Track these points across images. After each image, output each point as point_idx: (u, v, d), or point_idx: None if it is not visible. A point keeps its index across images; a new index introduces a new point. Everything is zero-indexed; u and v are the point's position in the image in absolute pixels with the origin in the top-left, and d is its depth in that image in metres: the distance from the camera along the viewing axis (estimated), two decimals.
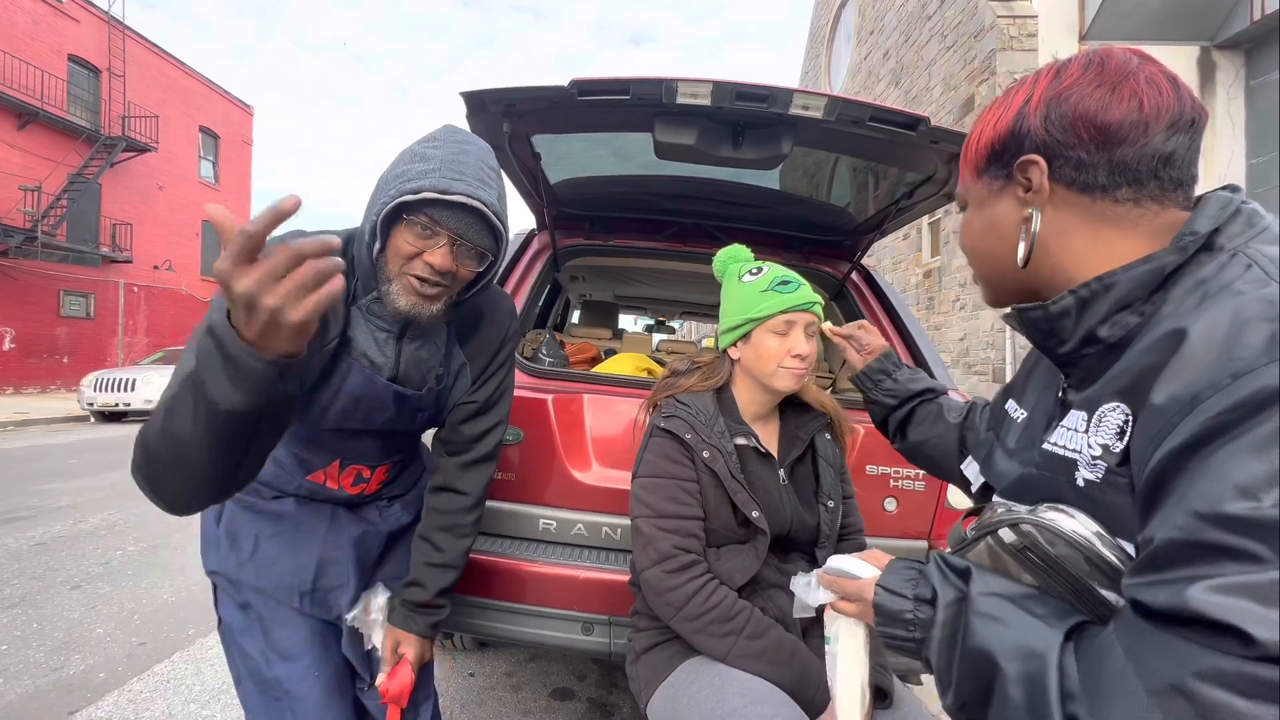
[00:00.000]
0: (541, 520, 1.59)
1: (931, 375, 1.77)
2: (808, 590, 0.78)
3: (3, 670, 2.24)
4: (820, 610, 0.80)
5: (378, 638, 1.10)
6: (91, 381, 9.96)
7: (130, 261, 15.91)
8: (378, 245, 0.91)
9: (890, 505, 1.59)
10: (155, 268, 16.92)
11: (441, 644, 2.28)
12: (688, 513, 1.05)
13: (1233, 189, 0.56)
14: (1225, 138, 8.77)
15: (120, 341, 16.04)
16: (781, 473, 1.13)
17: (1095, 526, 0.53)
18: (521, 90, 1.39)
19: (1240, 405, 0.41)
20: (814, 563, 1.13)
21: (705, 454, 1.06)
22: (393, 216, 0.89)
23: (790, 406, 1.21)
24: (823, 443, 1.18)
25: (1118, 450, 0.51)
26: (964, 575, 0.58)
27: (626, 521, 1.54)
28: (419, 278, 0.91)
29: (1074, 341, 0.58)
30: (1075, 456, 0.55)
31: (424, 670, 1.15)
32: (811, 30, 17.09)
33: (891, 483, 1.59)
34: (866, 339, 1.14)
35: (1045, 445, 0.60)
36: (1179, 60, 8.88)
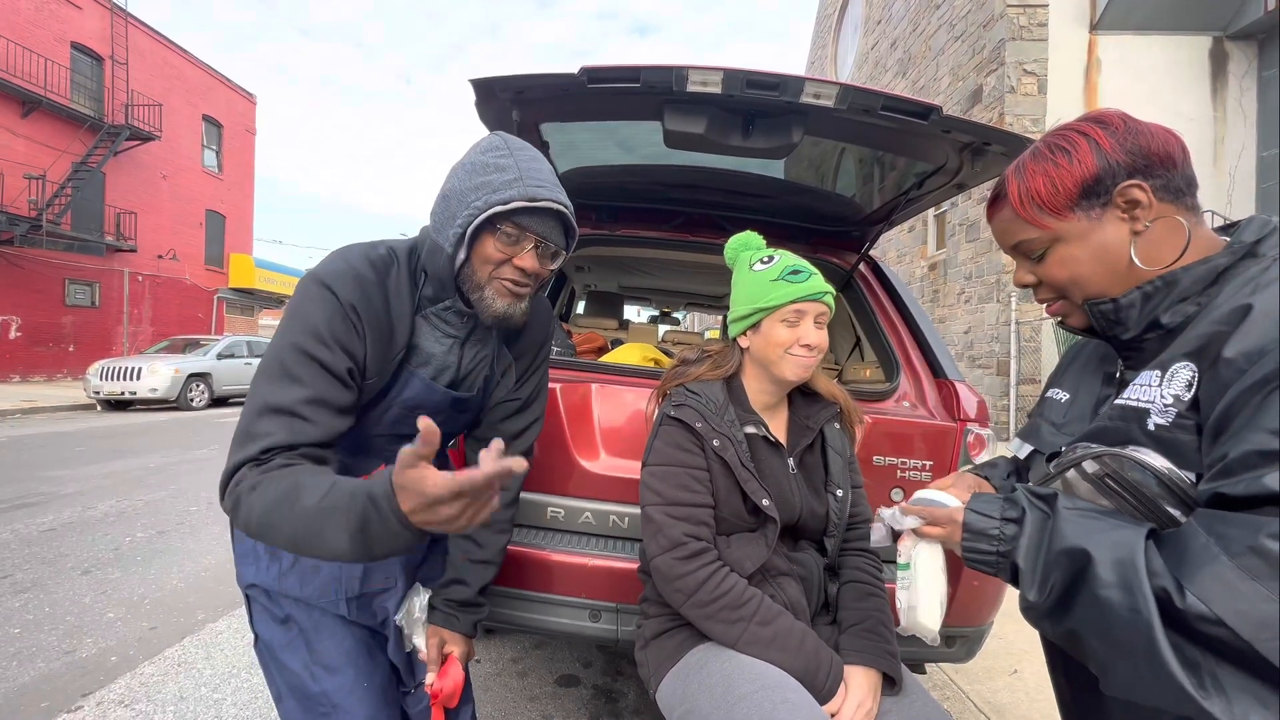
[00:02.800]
0: (550, 508, 1.60)
1: (941, 367, 1.77)
2: (896, 517, 0.88)
3: (16, 653, 2.27)
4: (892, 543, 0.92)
5: (420, 639, 1.08)
6: (98, 370, 10.02)
7: (135, 250, 15.94)
8: (463, 255, 0.95)
9: (897, 496, 1.60)
10: (159, 257, 16.94)
11: None
12: (698, 500, 1.05)
13: (1266, 216, 0.72)
14: (1236, 130, 8.68)
15: (125, 330, 16.10)
16: (791, 462, 1.14)
17: (1165, 459, 0.64)
18: (531, 78, 1.39)
19: None
20: (823, 552, 1.14)
21: (715, 442, 1.07)
22: (481, 226, 0.93)
23: (800, 396, 1.21)
24: (832, 432, 1.18)
25: (1186, 399, 0.63)
26: (1049, 500, 0.69)
27: (634, 510, 1.55)
28: (512, 281, 0.96)
29: (1137, 329, 0.72)
30: (1148, 406, 0.67)
31: (467, 694, 1.15)
32: (818, 20, 16.90)
33: (898, 473, 1.59)
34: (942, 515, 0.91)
35: (1120, 401, 0.71)
36: (1190, 51, 8.77)
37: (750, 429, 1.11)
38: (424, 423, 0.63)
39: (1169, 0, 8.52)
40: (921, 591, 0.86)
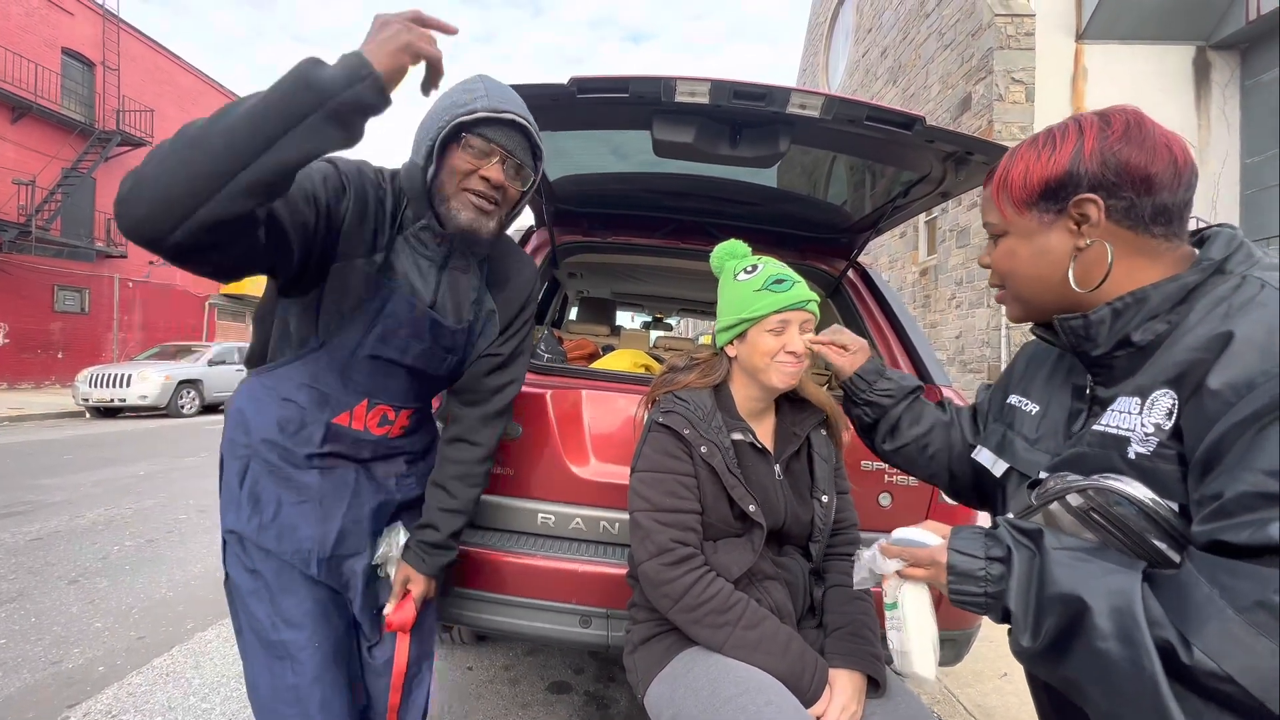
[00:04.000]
0: (540, 514, 1.60)
1: (929, 373, 1.79)
2: (875, 560, 0.83)
3: (1, 664, 2.24)
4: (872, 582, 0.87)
5: (393, 570, 1.18)
6: (86, 377, 9.92)
7: (125, 257, 15.82)
8: (432, 169, 1.01)
9: (885, 501, 1.61)
10: (150, 263, 16.82)
11: (440, 637, 2.29)
12: (685, 506, 1.06)
13: (1232, 227, 0.71)
14: (1220, 138, 8.82)
15: (115, 337, 15.97)
16: (777, 468, 1.15)
17: (1148, 490, 0.62)
18: (521, 88, 1.40)
19: None
20: (808, 557, 1.15)
21: (703, 449, 1.08)
22: (449, 139, 1.00)
23: (787, 403, 1.22)
24: (818, 439, 1.20)
25: (1168, 428, 0.62)
26: (1034, 536, 0.67)
27: (624, 516, 1.56)
28: (477, 192, 1.02)
29: (1107, 346, 0.70)
30: (1129, 434, 0.66)
31: (428, 608, 1.23)
32: (810, 28, 17.07)
33: (886, 478, 1.61)
34: (847, 339, 1.15)
35: (1099, 427, 0.70)
36: (1175, 60, 8.92)
37: (737, 435, 1.12)
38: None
39: (1153, 11, 8.67)
40: (912, 636, 0.81)
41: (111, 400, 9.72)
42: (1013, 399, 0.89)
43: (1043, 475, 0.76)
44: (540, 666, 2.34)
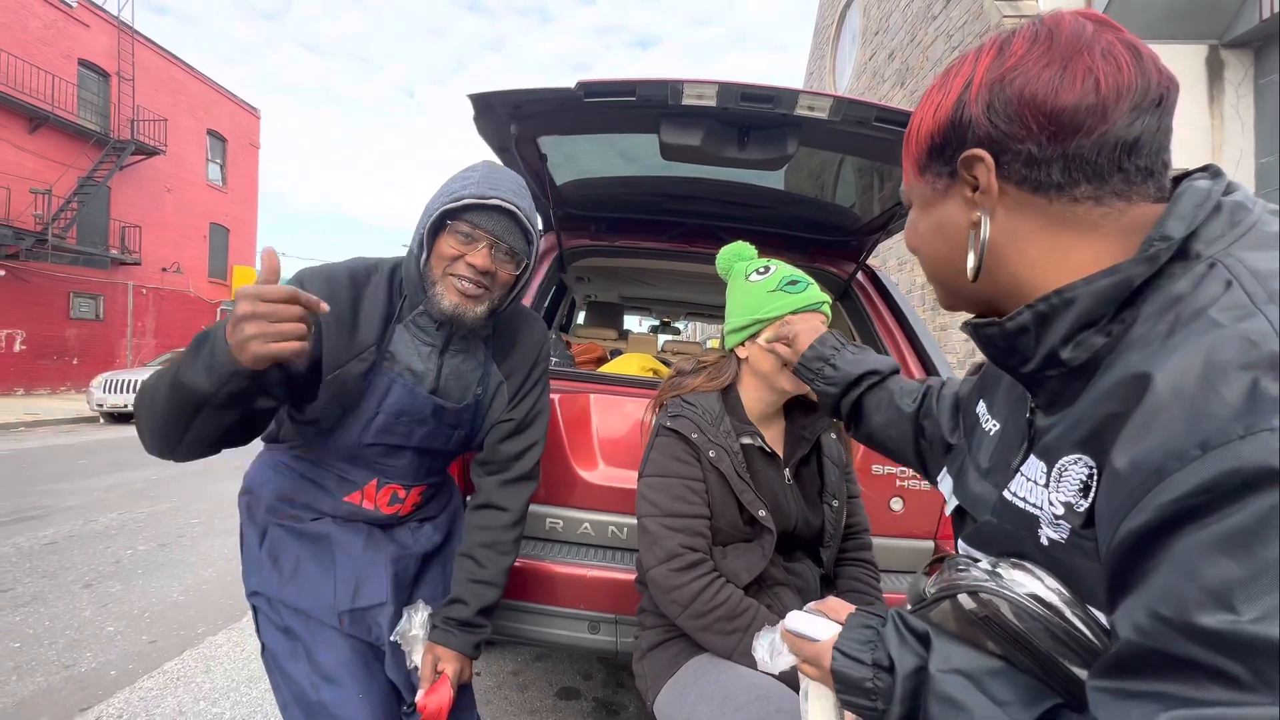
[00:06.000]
0: (548, 519, 1.60)
1: (937, 375, 1.77)
2: (771, 651, 0.73)
3: (16, 667, 2.26)
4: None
5: (418, 655, 1.09)
6: (101, 383, 10.05)
7: (139, 264, 16.03)
8: (424, 255, 1.02)
9: (896, 505, 1.59)
10: (164, 270, 17.05)
11: None
12: (694, 511, 1.05)
13: (1213, 174, 0.48)
14: (1234, 137, 8.72)
15: (129, 343, 16.17)
16: (787, 472, 1.14)
17: (1064, 591, 0.47)
18: (528, 92, 1.41)
19: (1211, 487, 0.34)
20: (819, 563, 1.14)
21: (711, 453, 1.07)
22: (437, 226, 1.01)
23: (796, 406, 1.21)
24: (828, 442, 1.19)
25: (1082, 510, 0.45)
26: (924, 640, 0.54)
27: (632, 521, 1.55)
28: (461, 277, 1.01)
29: (1036, 361, 0.50)
30: (1037, 513, 0.49)
31: (466, 695, 1.16)
32: (816, 31, 17.07)
33: (897, 482, 1.59)
34: (788, 329, 1.04)
35: (1006, 494, 0.54)
36: (1187, 59, 8.83)
37: (746, 440, 1.11)
38: (265, 251, 0.79)
39: (1164, 10, 8.60)
40: None
41: (125, 405, 9.83)
42: (980, 407, 0.69)
43: (957, 551, 0.61)
44: (549, 672, 2.33)
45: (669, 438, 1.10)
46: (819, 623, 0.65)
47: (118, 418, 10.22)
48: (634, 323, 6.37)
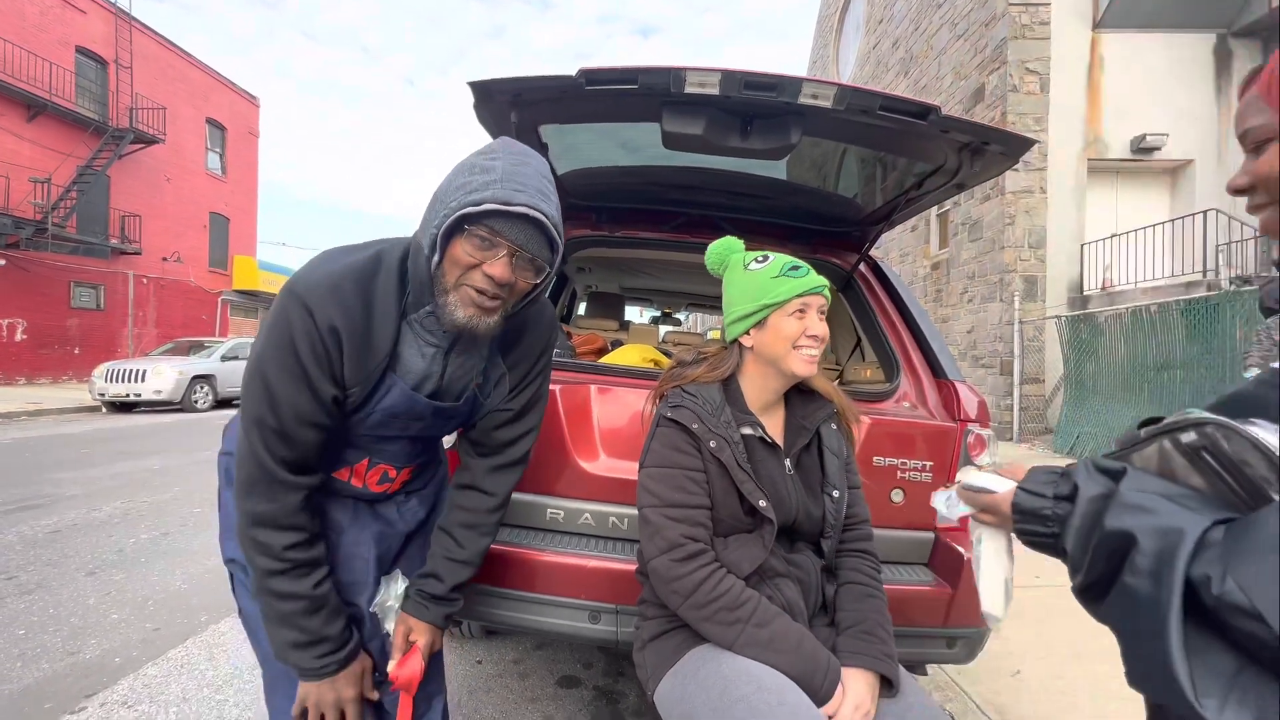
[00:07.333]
0: (549, 510, 1.60)
1: (942, 368, 1.77)
2: (948, 505, 0.84)
3: (21, 654, 2.28)
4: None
5: (391, 624, 1.11)
6: (103, 372, 10.06)
7: (139, 253, 16.01)
8: (436, 257, 0.91)
9: (897, 497, 1.59)
10: (164, 259, 17.03)
11: (450, 631, 2.30)
12: (695, 502, 1.05)
13: None
14: None
15: (130, 332, 16.18)
16: (787, 462, 1.13)
17: None
18: (529, 80, 1.39)
19: None
20: (820, 554, 1.14)
21: (712, 444, 1.07)
22: (453, 228, 0.89)
23: (797, 396, 1.21)
24: (828, 433, 1.18)
25: None
26: (1115, 475, 0.60)
27: (633, 511, 1.55)
28: (478, 289, 0.91)
29: None
30: None
31: (435, 664, 1.16)
32: (820, 20, 16.88)
33: (898, 474, 1.59)
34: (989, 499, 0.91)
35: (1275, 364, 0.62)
36: (1194, 48, 8.73)
37: (747, 430, 1.11)
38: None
39: None
40: (983, 577, 0.84)
41: (127, 395, 9.86)
42: None
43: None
44: (549, 661, 2.34)
45: (670, 428, 1.10)
46: (996, 479, 0.78)
47: (119, 407, 10.25)
48: (635, 314, 6.35)
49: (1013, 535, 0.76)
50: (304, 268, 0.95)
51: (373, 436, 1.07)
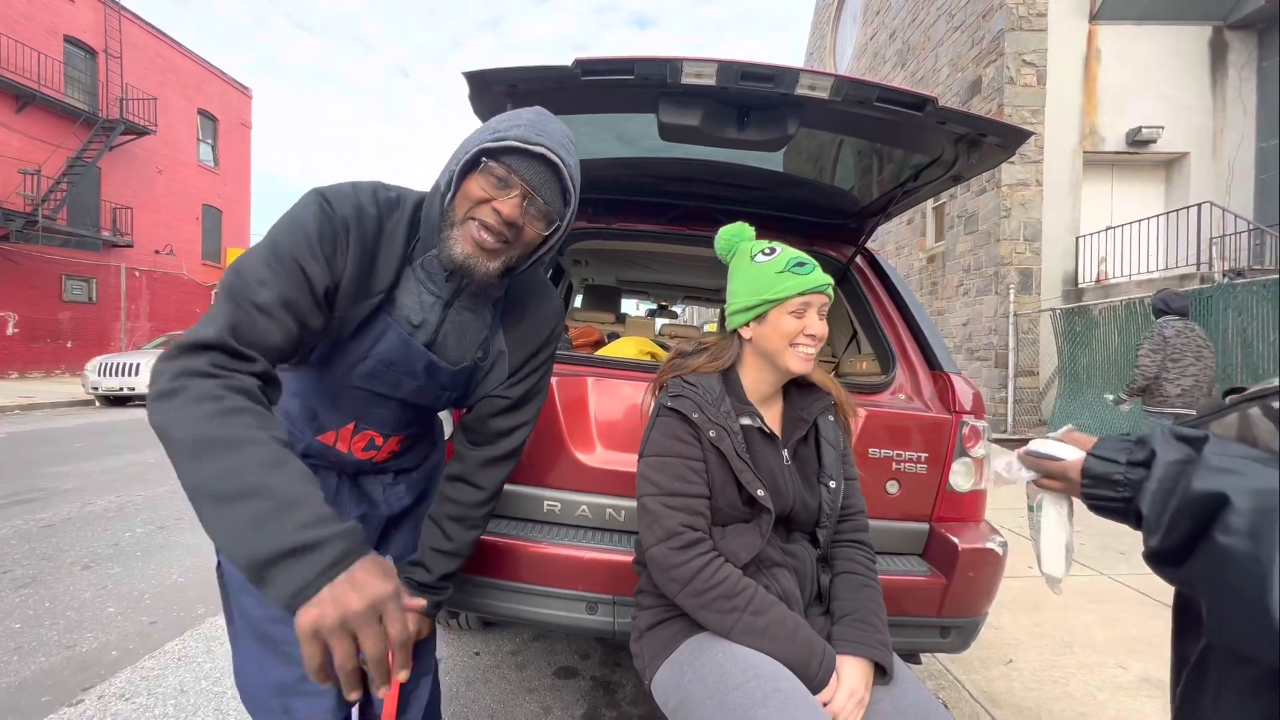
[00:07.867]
0: (546, 502, 1.60)
1: (938, 360, 1.77)
2: (1009, 469, 0.86)
3: (17, 648, 2.28)
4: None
5: None
6: (96, 366, 10.00)
7: (131, 246, 15.88)
8: (450, 194, 0.92)
9: (893, 488, 1.60)
10: (156, 252, 16.90)
11: (447, 623, 2.31)
12: (694, 491, 1.06)
13: None
14: (1235, 120, 8.66)
15: (123, 326, 16.07)
16: (785, 453, 1.14)
17: None
18: (524, 70, 1.38)
19: None
20: (815, 544, 1.15)
21: (712, 433, 1.07)
22: (471, 164, 0.91)
23: (795, 388, 1.21)
24: (826, 424, 1.19)
25: None
26: (1195, 442, 0.62)
27: (630, 503, 1.56)
28: (483, 224, 0.91)
29: None
30: None
31: (425, 644, 1.16)
32: (816, 11, 16.79)
33: (894, 465, 1.60)
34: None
35: None
36: (1190, 40, 8.74)
37: (746, 420, 1.12)
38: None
39: None
40: (1044, 541, 0.86)
41: (121, 389, 9.80)
42: None
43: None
44: (547, 652, 2.36)
45: (670, 417, 1.10)
46: (1064, 446, 0.79)
47: (113, 400, 10.19)
48: (631, 306, 6.34)
49: (1073, 501, 0.79)
50: (335, 183, 0.97)
51: (363, 393, 1.04)
